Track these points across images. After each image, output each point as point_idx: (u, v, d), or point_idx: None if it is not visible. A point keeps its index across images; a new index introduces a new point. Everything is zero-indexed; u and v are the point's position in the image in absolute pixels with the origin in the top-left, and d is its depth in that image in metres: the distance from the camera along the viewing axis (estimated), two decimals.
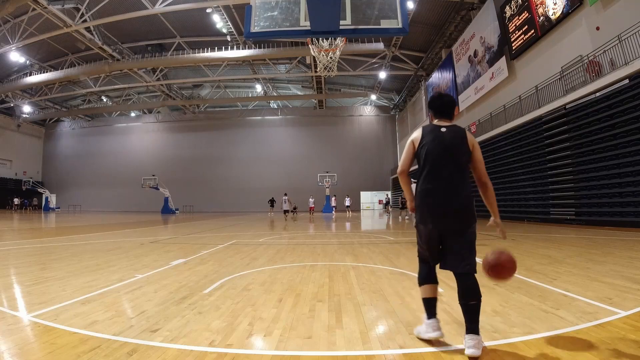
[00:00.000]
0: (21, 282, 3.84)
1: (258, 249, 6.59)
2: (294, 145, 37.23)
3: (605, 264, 4.51)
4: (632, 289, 3.21)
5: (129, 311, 2.77)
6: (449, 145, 2.11)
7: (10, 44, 22.77)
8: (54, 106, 36.97)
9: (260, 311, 2.74)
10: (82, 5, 19.73)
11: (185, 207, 35.39)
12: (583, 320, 2.40)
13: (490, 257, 2.06)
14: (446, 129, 2.16)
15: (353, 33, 2.81)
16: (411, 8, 19.38)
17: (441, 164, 2.09)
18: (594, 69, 10.51)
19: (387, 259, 5.28)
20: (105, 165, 39.09)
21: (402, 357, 1.92)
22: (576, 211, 11.23)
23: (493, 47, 16.95)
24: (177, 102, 34.26)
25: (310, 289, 3.44)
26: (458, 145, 2.11)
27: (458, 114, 2.40)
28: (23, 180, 36.03)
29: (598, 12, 10.94)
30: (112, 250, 6.33)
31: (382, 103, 38.20)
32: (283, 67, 29.20)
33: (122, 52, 25.42)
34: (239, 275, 4.12)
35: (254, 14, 2.80)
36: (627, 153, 9.27)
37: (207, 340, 2.15)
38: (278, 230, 11.55)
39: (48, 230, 11.65)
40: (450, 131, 2.15)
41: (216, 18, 21.81)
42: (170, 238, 8.84)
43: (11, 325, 2.43)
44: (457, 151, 2.10)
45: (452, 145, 2.10)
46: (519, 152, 14.20)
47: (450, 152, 2.10)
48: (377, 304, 2.93)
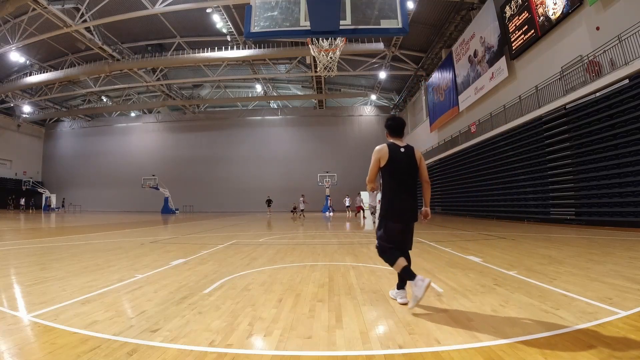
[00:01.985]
0: (21, 282, 3.84)
1: (258, 249, 6.59)
2: (294, 145, 37.22)
3: (605, 264, 4.51)
4: (632, 289, 3.21)
5: (129, 311, 2.77)
6: (407, 163, 2.84)
7: (10, 44, 22.75)
8: (54, 106, 36.95)
9: (260, 311, 2.74)
10: (82, 5, 19.72)
11: (185, 207, 35.39)
12: (583, 320, 2.39)
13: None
14: (404, 149, 2.86)
15: (353, 33, 2.81)
16: (411, 8, 19.37)
17: (403, 179, 2.83)
18: (594, 69, 10.51)
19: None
20: (105, 165, 39.07)
21: (402, 357, 1.92)
22: (576, 211, 11.23)
23: (493, 47, 16.95)
24: (177, 102, 34.25)
25: (310, 289, 3.44)
26: (413, 162, 2.87)
27: (458, 114, 2.56)
28: (23, 180, 36.02)
29: (598, 12, 10.94)
30: (112, 250, 6.33)
31: (382, 103, 38.19)
32: (283, 67, 29.19)
33: (122, 52, 25.42)
34: (239, 275, 4.12)
35: (254, 14, 2.80)
36: (627, 153, 9.26)
37: (207, 340, 2.15)
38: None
39: (48, 230, 11.65)
40: (406, 150, 2.87)
41: (216, 18, 21.80)
42: (170, 238, 8.84)
43: (11, 325, 2.43)
44: (412, 167, 2.87)
45: (409, 163, 2.85)
46: (519, 152, 14.19)
47: (409, 168, 2.85)
48: (377, 304, 2.93)
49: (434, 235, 8.90)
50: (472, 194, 18.55)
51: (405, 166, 2.83)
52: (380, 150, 2.83)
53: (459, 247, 6.48)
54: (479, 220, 15.51)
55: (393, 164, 2.80)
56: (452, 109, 22.33)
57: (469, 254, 5.60)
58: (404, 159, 2.82)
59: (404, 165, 2.83)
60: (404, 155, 2.83)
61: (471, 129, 18.90)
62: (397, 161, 2.80)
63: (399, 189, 2.82)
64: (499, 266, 4.47)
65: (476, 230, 10.20)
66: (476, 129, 18.29)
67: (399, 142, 2.90)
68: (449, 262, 4.90)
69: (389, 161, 2.80)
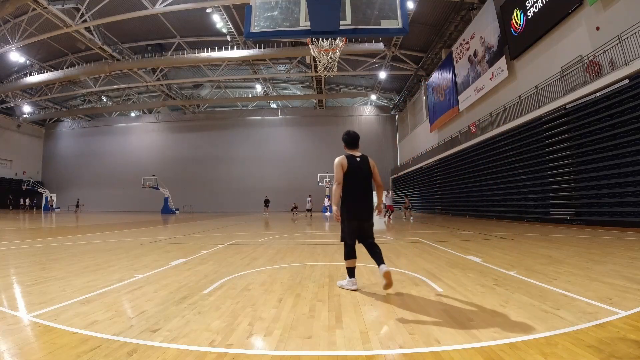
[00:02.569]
0: (21, 282, 3.84)
1: (258, 249, 6.59)
2: (294, 145, 37.21)
3: (605, 264, 4.51)
4: (632, 289, 3.21)
5: (129, 311, 2.77)
6: (363, 170, 3.39)
7: (10, 44, 22.75)
8: (54, 106, 36.96)
9: (260, 311, 2.74)
10: (82, 5, 19.72)
11: (185, 207, 35.38)
12: (583, 320, 2.39)
13: None
14: (359, 158, 3.42)
15: (353, 33, 2.81)
16: (411, 8, 19.37)
17: (359, 183, 3.37)
18: (594, 69, 10.51)
19: (387, 259, 5.27)
20: (105, 165, 39.08)
21: (402, 357, 1.92)
22: (576, 211, 11.23)
23: (493, 47, 16.95)
24: (177, 102, 34.25)
25: (310, 289, 3.44)
26: (367, 169, 3.42)
27: (458, 114, 2.57)
28: (23, 180, 36.02)
29: (598, 12, 10.94)
30: (112, 250, 6.33)
31: (382, 103, 38.19)
32: (283, 67, 29.20)
33: (122, 52, 25.41)
34: (239, 275, 4.12)
35: (254, 14, 2.80)
36: (627, 153, 9.26)
37: (207, 340, 2.15)
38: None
39: (48, 230, 11.65)
40: (362, 159, 3.43)
41: (216, 18, 21.80)
42: (170, 238, 8.84)
43: (11, 325, 2.43)
44: (367, 173, 3.41)
45: (364, 170, 3.40)
46: (519, 152, 14.19)
47: (364, 175, 3.39)
48: (377, 304, 2.93)
49: (434, 235, 8.90)
50: (472, 194, 18.54)
51: (361, 173, 3.38)
52: (341, 159, 3.36)
53: (459, 247, 6.48)
54: (479, 220, 15.51)
55: (351, 171, 3.33)
56: (452, 109, 22.33)
57: (469, 254, 5.60)
58: (360, 167, 3.38)
59: (360, 172, 3.37)
60: (360, 163, 3.39)
61: (471, 129, 18.90)
62: (354, 169, 3.34)
63: (356, 192, 3.35)
64: (499, 266, 4.47)
65: (476, 230, 10.20)
66: (476, 129, 18.29)
67: (355, 153, 3.46)
68: (449, 262, 4.90)
69: (347, 169, 3.32)
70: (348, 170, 3.32)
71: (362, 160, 3.42)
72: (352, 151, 3.47)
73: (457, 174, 20.49)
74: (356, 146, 3.50)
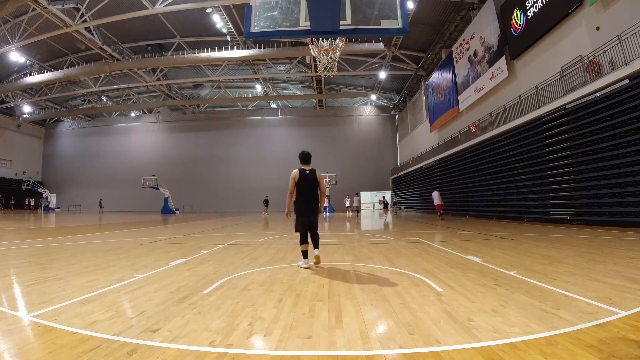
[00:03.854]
0: (21, 282, 3.84)
1: (258, 249, 6.59)
2: (294, 145, 37.09)
3: (605, 264, 4.51)
4: (632, 289, 3.21)
5: (129, 311, 2.77)
6: (310, 181, 4.59)
7: (10, 44, 22.76)
8: (54, 106, 36.96)
9: (260, 311, 2.74)
10: (82, 5, 19.72)
11: (185, 207, 35.38)
12: (583, 320, 2.39)
13: None
14: (308, 171, 4.59)
15: (353, 33, 2.81)
16: (411, 8, 19.37)
17: (308, 190, 4.60)
18: (594, 69, 10.51)
19: (387, 259, 5.28)
20: (105, 165, 39.07)
21: (402, 357, 1.92)
22: (576, 211, 11.23)
23: (493, 47, 16.95)
24: (177, 102, 34.25)
25: (310, 289, 3.44)
26: (313, 180, 4.62)
27: (458, 114, 2.58)
28: (23, 180, 36.01)
29: (598, 12, 10.94)
30: (112, 250, 6.33)
31: (382, 103, 38.19)
32: (283, 67, 29.19)
33: (122, 52, 25.41)
34: (239, 275, 4.12)
35: (254, 14, 2.80)
36: (627, 153, 9.26)
37: (207, 340, 2.15)
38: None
39: (48, 230, 11.65)
40: (310, 172, 4.61)
41: (216, 18, 21.80)
42: (170, 238, 8.84)
43: (11, 325, 2.42)
44: (313, 183, 4.62)
45: (311, 181, 4.60)
46: (519, 152, 14.19)
47: (310, 184, 4.61)
48: (377, 304, 2.93)
49: (434, 235, 8.90)
50: (472, 194, 18.54)
51: (309, 182, 4.58)
52: (295, 173, 4.55)
53: (459, 247, 6.48)
54: (479, 220, 15.50)
55: (301, 181, 4.54)
56: (452, 109, 22.33)
57: (469, 254, 5.60)
58: (308, 178, 4.57)
59: (308, 182, 4.57)
60: (308, 175, 4.59)
61: (471, 129, 18.89)
62: (303, 179, 4.55)
63: (305, 196, 4.58)
64: (499, 266, 4.47)
65: (476, 230, 10.19)
66: (476, 129, 18.29)
67: (306, 167, 4.63)
68: (449, 262, 4.90)
69: (299, 180, 4.53)
70: (299, 180, 4.52)
71: (311, 172, 4.60)
72: (304, 166, 4.63)
73: (457, 174, 20.49)
74: (308, 162, 4.65)
